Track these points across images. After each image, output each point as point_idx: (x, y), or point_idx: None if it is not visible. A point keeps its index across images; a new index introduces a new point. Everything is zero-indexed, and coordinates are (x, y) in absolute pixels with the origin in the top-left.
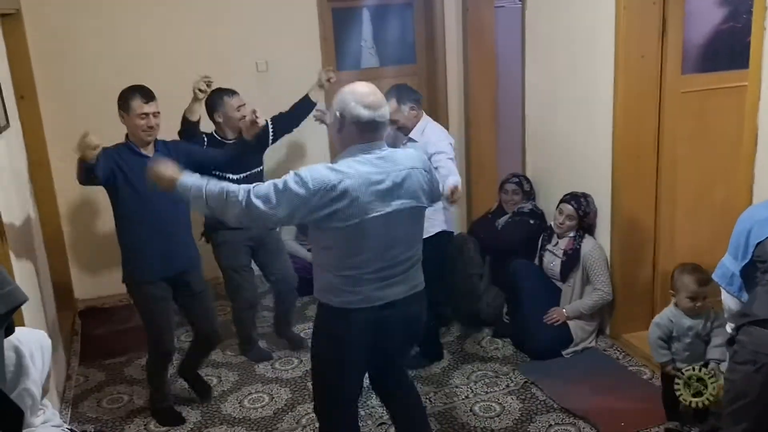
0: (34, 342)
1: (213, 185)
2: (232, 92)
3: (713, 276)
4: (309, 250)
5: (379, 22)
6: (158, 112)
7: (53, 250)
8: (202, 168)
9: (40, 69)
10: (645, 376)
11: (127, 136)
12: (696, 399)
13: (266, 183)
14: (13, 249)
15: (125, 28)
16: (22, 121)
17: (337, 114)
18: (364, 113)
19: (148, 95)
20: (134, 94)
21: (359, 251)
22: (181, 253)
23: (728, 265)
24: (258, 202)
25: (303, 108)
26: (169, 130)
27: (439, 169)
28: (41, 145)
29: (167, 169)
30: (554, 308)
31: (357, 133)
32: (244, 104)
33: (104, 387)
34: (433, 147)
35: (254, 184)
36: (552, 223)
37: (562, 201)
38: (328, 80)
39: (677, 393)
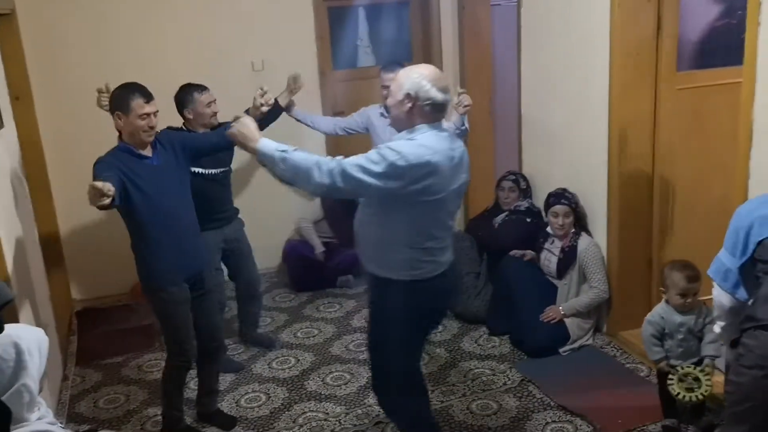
0: (32, 339)
1: (299, 151)
2: (202, 88)
3: (708, 271)
4: (326, 242)
5: (374, 21)
6: (158, 111)
7: (50, 250)
8: (199, 155)
9: (35, 70)
10: (642, 374)
11: (121, 138)
12: (689, 394)
13: (356, 156)
14: (9, 249)
15: (120, 28)
16: (17, 121)
17: (410, 93)
18: (439, 96)
19: (147, 94)
20: (134, 94)
21: (438, 224)
22: (197, 252)
23: (724, 261)
24: (355, 172)
25: (273, 113)
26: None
27: None
28: (37, 145)
29: (251, 131)
30: (551, 307)
31: (429, 113)
32: (215, 100)
33: (101, 387)
34: None
35: (340, 157)
36: (550, 230)
37: (550, 205)
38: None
39: (670, 388)
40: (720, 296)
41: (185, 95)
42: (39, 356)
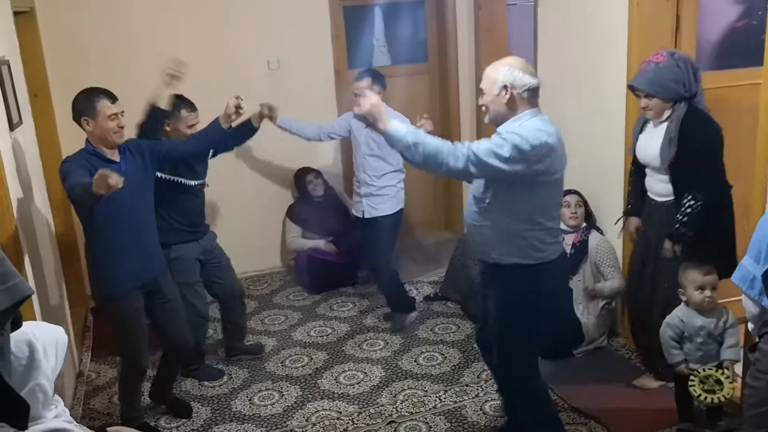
0: (49, 337)
1: (429, 138)
2: (192, 107)
3: (733, 278)
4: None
5: (390, 21)
6: (124, 112)
7: (65, 246)
8: (167, 164)
9: (54, 67)
10: None
11: (89, 142)
12: (711, 395)
13: (483, 141)
14: (26, 244)
15: (138, 26)
16: (35, 118)
17: (507, 84)
18: (533, 80)
19: (112, 95)
20: (98, 95)
21: (556, 204)
22: (155, 259)
23: (749, 268)
24: (486, 157)
25: (246, 132)
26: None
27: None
28: (54, 141)
29: (383, 113)
30: (588, 287)
31: (528, 99)
32: (198, 122)
33: (115, 383)
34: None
35: (470, 143)
36: (561, 225)
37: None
38: (237, 109)
39: (691, 389)
40: (748, 304)
41: (174, 108)
42: (55, 355)
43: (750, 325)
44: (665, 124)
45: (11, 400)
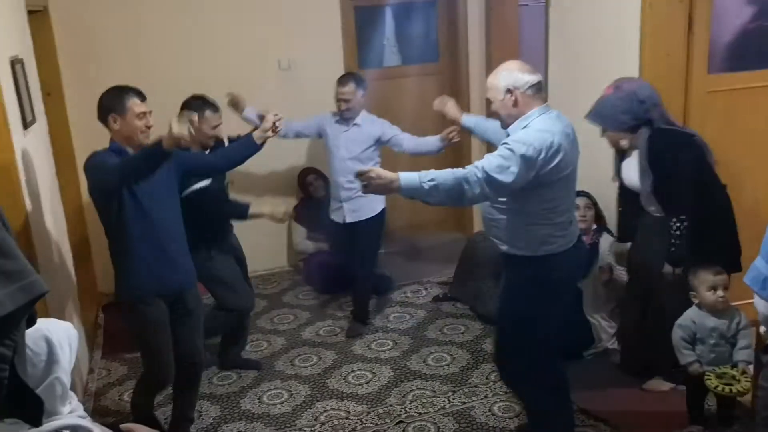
0: (62, 332)
1: (442, 175)
2: (216, 108)
3: (745, 279)
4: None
5: (401, 21)
6: (151, 111)
7: (77, 243)
8: (191, 175)
9: (67, 66)
10: None
11: (113, 141)
12: (728, 386)
13: (492, 156)
14: (38, 242)
15: (151, 25)
16: (48, 116)
17: (510, 87)
18: (533, 77)
19: (141, 93)
20: (128, 93)
21: (567, 199)
22: (182, 270)
23: (761, 269)
24: (497, 175)
25: (248, 149)
26: None
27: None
28: (67, 140)
29: (386, 176)
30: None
31: (533, 96)
32: (221, 123)
33: (126, 381)
34: (391, 128)
35: (477, 162)
36: None
37: None
38: (274, 129)
39: (708, 383)
40: (760, 305)
41: (195, 108)
42: (69, 350)
43: (762, 328)
44: (637, 152)
45: (25, 397)
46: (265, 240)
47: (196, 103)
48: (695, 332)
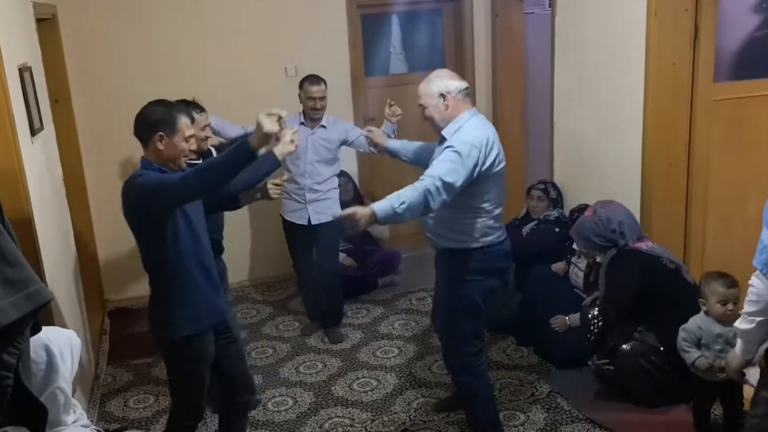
0: (63, 340)
1: (408, 194)
2: (202, 108)
3: (754, 262)
4: (344, 249)
5: (408, 28)
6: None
7: (84, 250)
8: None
9: (75, 73)
10: None
11: (146, 160)
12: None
13: (440, 162)
14: (45, 249)
15: (158, 33)
16: (56, 124)
17: (443, 93)
18: (462, 83)
19: (190, 113)
20: (180, 111)
21: (501, 192)
22: (222, 296)
23: None
24: (451, 179)
25: (268, 166)
26: None
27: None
28: (74, 147)
29: (364, 211)
30: (558, 316)
31: (462, 101)
32: (210, 123)
33: (131, 387)
34: (354, 129)
35: (429, 171)
36: (576, 246)
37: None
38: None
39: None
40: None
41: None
42: (71, 358)
43: (742, 323)
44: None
45: (30, 405)
46: (271, 246)
47: (182, 107)
48: (700, 337)
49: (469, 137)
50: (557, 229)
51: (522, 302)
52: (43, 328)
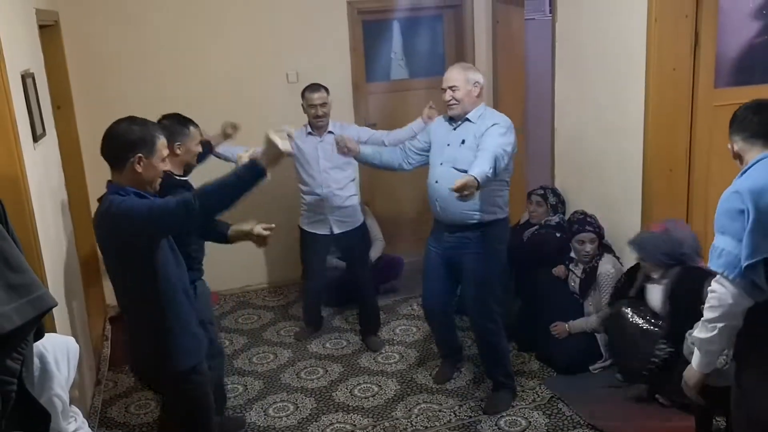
0: (60, 347)
1: (487, 161)
2: (194, 123)
3: (712, 266)
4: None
5: (409, 35)
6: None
7: (86, 255)
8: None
9: (77, 79)
10: None
11: (118, 185)
12: None
13: (494, 136)
14: (47, 255)
15: (160, 40)
16: (58, 130)
17: (479, 81)
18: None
19: (164, 131)
20: (157, 131)
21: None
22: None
23: (731, 249)
24: (509, 148)
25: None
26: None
27: (384, 135)
28: (76, 153)
29: (467, 182)
30: (558, 322)
31: (482, 93)
32: (203, 136)
33: (132, 393)
34: (364, 129)
35: (487, 144)
36: (573, 254)
37: (575, 233)
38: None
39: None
40: (721, 296)
41: (177, 128)
42: (67, 365)
43: (704, 332)
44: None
45: (33, 411)
46: (272, 252)
47: (173, 122)
48: None
49: (502, 119)
50: (558, 234)
51: (523, 307)
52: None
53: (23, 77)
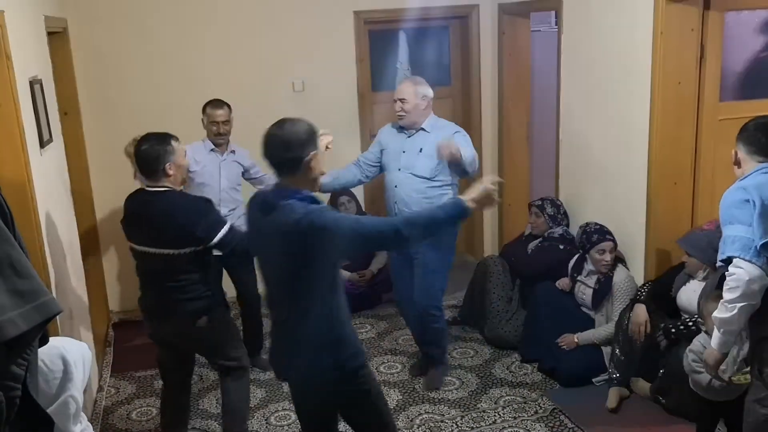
0: (77, 352)
1: (471, 155)
2: (173, 136)
3: (727, 254)
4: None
5: (415, 45)
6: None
7: (90, 261)
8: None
9: (84, 86)
10: None
11: (300, 190)
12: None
13: (464, 142)
14: (52, 260)
15: (166, 47)
16: (64, 136)
17: (427, 95)
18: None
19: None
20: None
21: None
22: None
23: (745, 234)
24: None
25: None
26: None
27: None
28: (82, 160)
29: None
30: (566, 334)
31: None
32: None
33: (134, 399)
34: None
35: (467, 149)
36: (591, 265)
37: (594, 243)
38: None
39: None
40: (741, 273)
41: (164, 146)
42: (83, 369)
43: (726, 312)
44: (703, 282)
45: (37, 417)
46: None
47: (153, 143)
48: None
49: (460, 128)
50: (562, 246)
51: (526, 319)
52: (59, 338)
53: (31, 83)
